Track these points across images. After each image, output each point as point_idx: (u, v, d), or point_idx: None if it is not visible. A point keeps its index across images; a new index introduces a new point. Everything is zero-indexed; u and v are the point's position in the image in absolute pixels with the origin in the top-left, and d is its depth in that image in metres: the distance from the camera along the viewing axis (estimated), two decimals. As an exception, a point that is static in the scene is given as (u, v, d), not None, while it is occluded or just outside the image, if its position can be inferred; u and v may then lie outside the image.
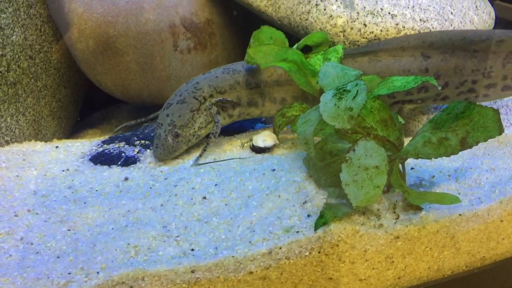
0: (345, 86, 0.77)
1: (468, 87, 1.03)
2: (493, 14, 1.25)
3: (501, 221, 0.84)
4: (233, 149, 1.02)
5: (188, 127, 0.97)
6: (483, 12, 1.19)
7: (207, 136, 1.02)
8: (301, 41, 1.04)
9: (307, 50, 1.08)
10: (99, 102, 1.44)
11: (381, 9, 1.05)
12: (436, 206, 0.80)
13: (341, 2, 1.06)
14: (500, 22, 1.45)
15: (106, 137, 1.10)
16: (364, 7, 1.05)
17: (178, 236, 0.76)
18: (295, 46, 1.06)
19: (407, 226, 0.78)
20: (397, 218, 0.80)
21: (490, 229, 0.83)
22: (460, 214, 0.80)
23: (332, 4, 1.06)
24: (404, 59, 1.03)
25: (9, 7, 1.05)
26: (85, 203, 0.84)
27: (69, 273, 0.69)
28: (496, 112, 0.77)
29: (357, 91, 0.75)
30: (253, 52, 0.94)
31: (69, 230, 0.78)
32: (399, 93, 1.04)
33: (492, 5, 1.27)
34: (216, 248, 0.74)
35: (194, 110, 0.99)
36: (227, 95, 1.02)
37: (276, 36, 1.00)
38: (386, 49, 1.03)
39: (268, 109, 1.06)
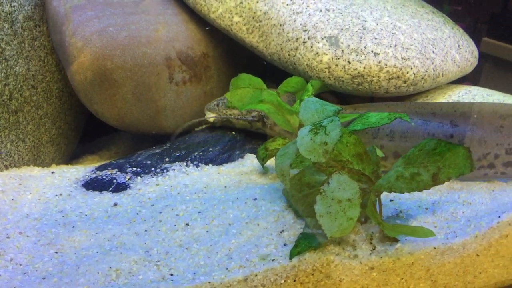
0: (321, 121, 0.81)
1: (490, 161, 1.03)
2: (476, 53, 1.29)
3: (477, 255, 0.85)
4: (220, 178, 1.06)
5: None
6: (466, 51, 1.23)
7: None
8: (280, 86, 1.09)
9: None
10: (101, 129, 1.49)
11: (365, 47, 1.10)
12: (412, 239, 0.82)
13: (327, 40, 1.11)
14: (488, 59, 1.49)
15: (101, 163, 1.15)
16: (349, 45, 1.10)
17: (158, 261, 0.79)
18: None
19: (381, 257, 0.80)
20: (373, 249, 0.82)
21: (466, 263, 0.84)
22: (434, 247, 0.82)
23: (318, 42, 1.11)
24: (432, 124, 1.05)
25: (14, 39, 1.12)
26: (73, 227, 0.88)
27: (52, 294, 0.72)
28: (467, 149, 0.80)
29: (332, 126, 0.79)
30: (230, 96, 0.98)
31: (56, 252, 0.82)
32: None
33: (477, 44, 1.32)
34: (194, 273, 0.76)
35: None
36: None
37: (254, 82, 1.05)
38: (418, 112, 1.05)
39: None
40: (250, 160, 1.16)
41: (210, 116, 1.24)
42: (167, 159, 1.13)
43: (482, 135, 1.01)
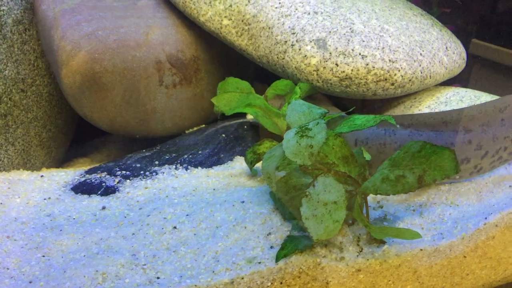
0: (307, 124, 0.82)
1: (500, 154, 1.04)
2: (464, 55, 1.30)
3: (464, 257, 0.86)
4: (209, 180, 1.06)
5: None
6: (454, 53, 1.24)
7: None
8: (269, 89, 1.09)
9: None
10: (93, 132, 1.49)
11: (352, 50, 1.11)
12: (399, 241, 0.83)
13: (315, 43, 1.12)
14: (477, 60, 1.50)
15: (91, 167, 1.15)
16: (336, 48, 1.11)
17: (145, 264, 0.79)
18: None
19: (368, 259, 0.81)
20: (360, 251, 0.83)
21: (453, 265, 0.85)
22: (421, 249, 0.82)
23: (306, 45, 1.12)
24: (446, 134, 1.03)
25: (4, 43, 1.12)
26: (61, 230, 0.88)
27: (38, 298, 0.72)
28: (452, 152, 0.80)
29: (318, 129, 0.79)
30: (216, 101, 0.98)
31: (43, 256, 0.82)
32: None
33: (465, 46, 1.33)
34: (181, 276, 0.77)
35: None
36: None
37: (242, 86, 1.05)
38: (428, 123, 1.03)
39: None
40: (239, 163, 1.16)
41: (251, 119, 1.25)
42: (156, 162, 1.13)
43: (493, 133, 1.02)
